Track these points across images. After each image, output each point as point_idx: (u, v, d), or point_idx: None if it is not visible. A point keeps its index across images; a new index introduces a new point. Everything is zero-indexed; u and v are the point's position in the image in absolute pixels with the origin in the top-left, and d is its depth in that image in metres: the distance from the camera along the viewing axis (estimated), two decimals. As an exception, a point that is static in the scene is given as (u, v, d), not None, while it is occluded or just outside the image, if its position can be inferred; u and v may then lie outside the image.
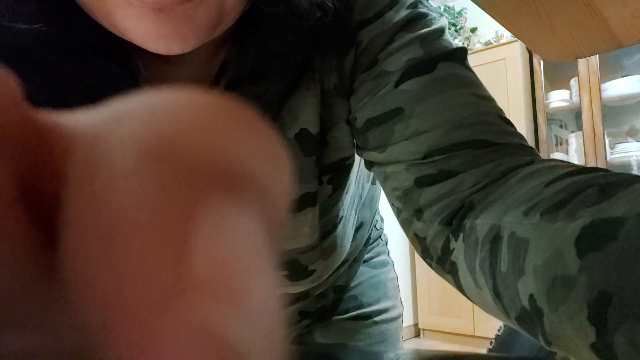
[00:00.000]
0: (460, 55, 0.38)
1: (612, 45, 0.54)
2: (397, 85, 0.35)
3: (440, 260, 0.34)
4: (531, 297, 0.24)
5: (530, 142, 2.86)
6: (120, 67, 0.34)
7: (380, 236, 0.70)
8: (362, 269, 0.64)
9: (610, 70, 2.93)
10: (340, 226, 0.46)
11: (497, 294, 0.27)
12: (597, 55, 2.75)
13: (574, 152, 2.92)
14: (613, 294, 0.20)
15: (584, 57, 0.59)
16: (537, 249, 0.24)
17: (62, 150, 0.08)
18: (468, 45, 3.39)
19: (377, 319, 0.62)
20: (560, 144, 3.06)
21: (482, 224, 0.29)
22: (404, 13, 0.36)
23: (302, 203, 0.41)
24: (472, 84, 0.38)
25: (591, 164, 2.70)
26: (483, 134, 0.34)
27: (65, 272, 0.07)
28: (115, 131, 0.08)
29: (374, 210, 0.62)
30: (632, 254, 0.20)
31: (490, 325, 2.84)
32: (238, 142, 0.08)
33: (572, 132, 3.06)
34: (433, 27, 0.37)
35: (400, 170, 0.35)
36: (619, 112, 2.91)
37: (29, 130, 0.08)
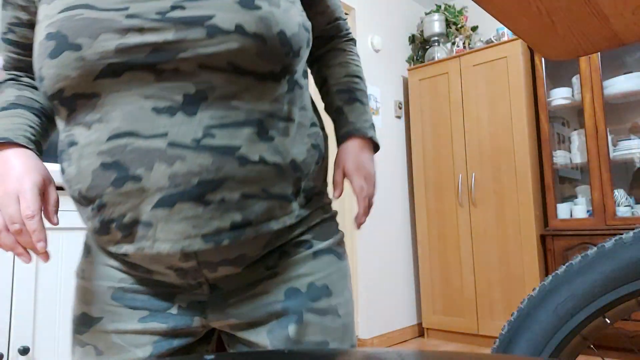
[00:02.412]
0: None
1: (614, 43, 0.54)
2: None
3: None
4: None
5: (533, 139, 2.86)
6: None
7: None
8: (329, 258, 0.67)
9: (612, 67, 2.92)
10: None
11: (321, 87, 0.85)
12: (599, 53, 2.74)
13: (577, 150, 2.91)
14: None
15: (585, 55, 0.58)
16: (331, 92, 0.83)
17: None
18: (469, 44, 3.39)
19: (341, 312, 0.65)
20: (563, 141, 3.05)
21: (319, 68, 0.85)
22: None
23: None
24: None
25: (594, 161, 2.69)
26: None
27: None
28: None
29: (307, 116, 0.67)
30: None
31: (494, 325, 2.83)
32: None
33: (575, 129, 3.05)
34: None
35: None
36: (621, 109, 2.90)
37: None
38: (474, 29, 3.45)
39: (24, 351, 1.27)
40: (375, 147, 0.80)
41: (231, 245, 0.57)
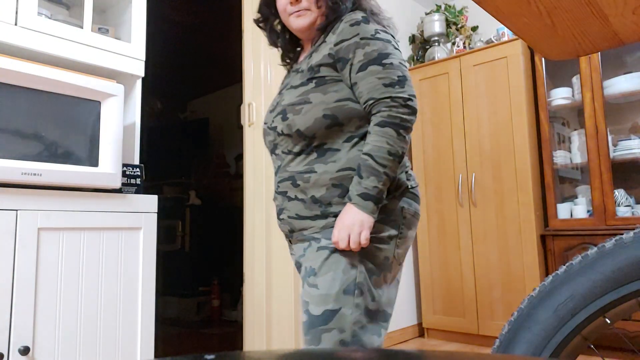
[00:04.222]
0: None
1: (613, 42, 0.54)
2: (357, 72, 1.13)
3: None
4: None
5: (533, 140, 2.86)
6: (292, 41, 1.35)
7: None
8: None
9: (612, 67, 2.92)
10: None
11: None
12: (599, 53, 2.74)
13: (577, 150, 2.91)
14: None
15: (585, 55, 0.58)
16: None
17: None
18: (469, 44, 3.39)
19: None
20: (563, 141, 3.05)
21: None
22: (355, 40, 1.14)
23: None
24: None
25: (594, 161, 2.69)
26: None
27: None
28: None
29: (335, 166, 1.13)
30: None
31: (494, 325, 2.83)
32: None
33: (575, 129, 3.05)
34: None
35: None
36: (621, 109, 2.90)
37: None
38: (474, 29, 3.45)
39: (24, 351, 1.27)
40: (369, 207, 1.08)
41: (297, 240, 1.17)
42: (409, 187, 1.16)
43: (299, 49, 1.35)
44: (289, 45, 1.35)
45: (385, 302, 1.11)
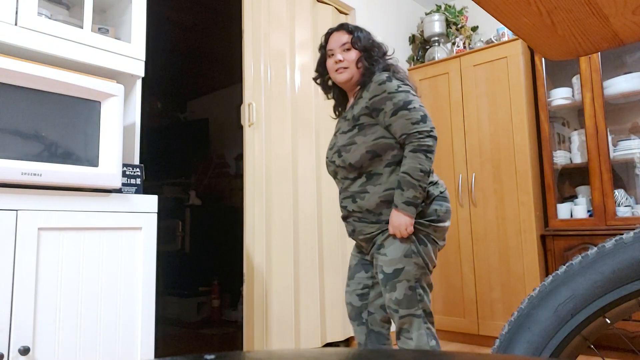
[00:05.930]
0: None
1: (614, 42, 0.54)
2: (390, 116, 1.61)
3: None
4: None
5: (533, 139, 2.86)
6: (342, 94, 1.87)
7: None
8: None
9: (612, 67, 2.92)
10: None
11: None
12: (599, 53, 2.74)
13: (577, 150, 2.91)
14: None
15: (585, 55, 0.58)
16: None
17: None
18: (469, 44, 3.39)
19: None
20: (563, 141, 3.05)
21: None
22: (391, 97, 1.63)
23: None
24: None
25: (594, 161, 2.69)
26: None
27: None
28: None
29: (382, 187, 1.61)
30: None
31: (494, 325, 2.83)
32: None
33: (575, 129, 3.05)
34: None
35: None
36: (621, 109, 2.90)
37: None
38: (474, 29, 3.45)
39: (24, 351, 1.27)
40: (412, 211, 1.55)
41: (358, 237, 1.67)
42: (439, 193, 1.62)
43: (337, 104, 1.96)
44: (340, 97, 1.82)
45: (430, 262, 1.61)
